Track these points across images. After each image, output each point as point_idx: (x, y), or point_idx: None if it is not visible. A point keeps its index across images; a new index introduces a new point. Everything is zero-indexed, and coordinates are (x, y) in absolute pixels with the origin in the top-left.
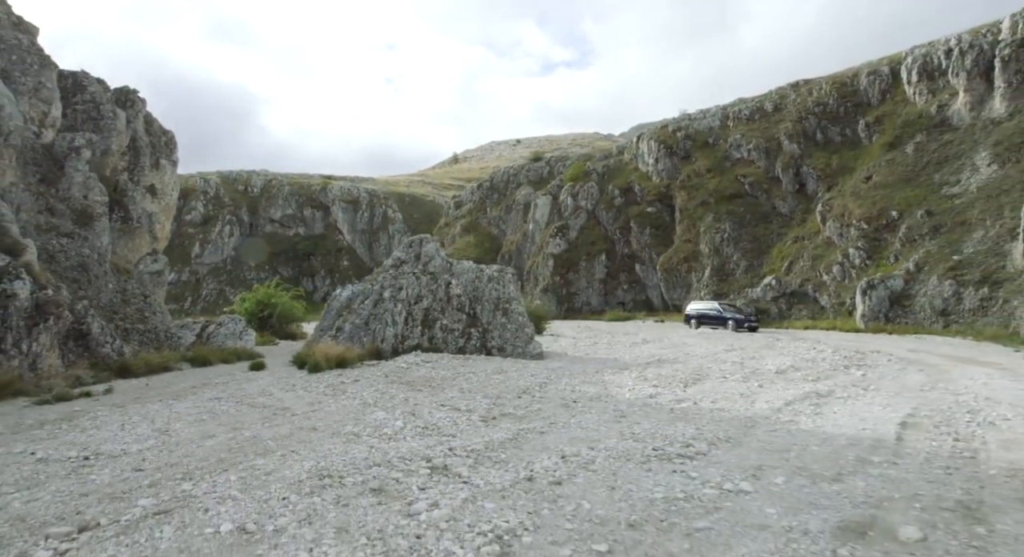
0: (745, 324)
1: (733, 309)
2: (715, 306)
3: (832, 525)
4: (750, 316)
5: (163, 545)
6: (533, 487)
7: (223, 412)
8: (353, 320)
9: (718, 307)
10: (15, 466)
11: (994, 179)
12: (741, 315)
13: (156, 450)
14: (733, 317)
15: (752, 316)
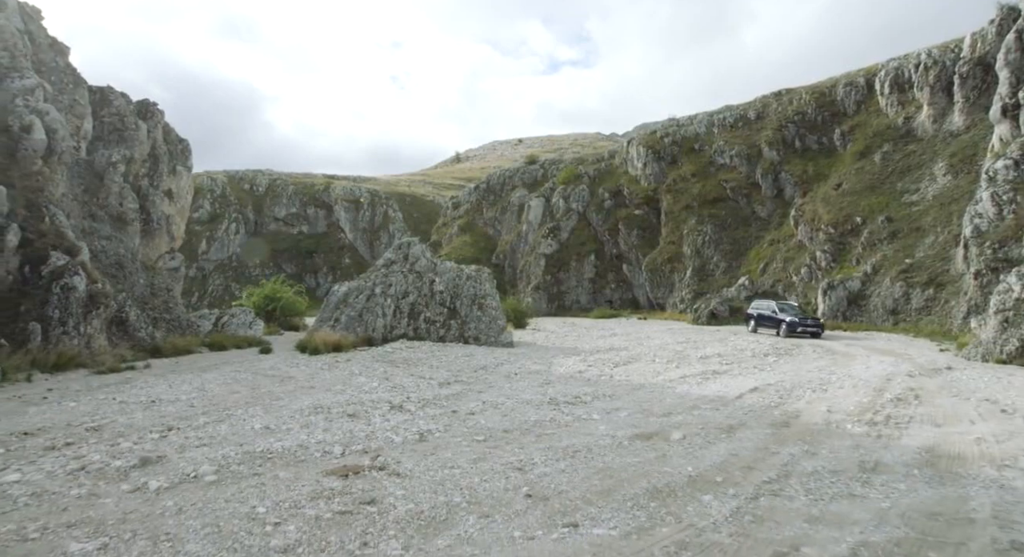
0: (799, 328)
1: (791, 309)
2: (771, 306)
3: (633, 434)
4: (807, 319)
5: (221, 433)
6: (455, 417)
7: (243, 379)
8: (348, 312)
9: (774, 307)
10: (106, 405)
11: (947, 188)
12: (797, 317)
13: (199, 398)
14: (788, 319)
15: (811, 319)
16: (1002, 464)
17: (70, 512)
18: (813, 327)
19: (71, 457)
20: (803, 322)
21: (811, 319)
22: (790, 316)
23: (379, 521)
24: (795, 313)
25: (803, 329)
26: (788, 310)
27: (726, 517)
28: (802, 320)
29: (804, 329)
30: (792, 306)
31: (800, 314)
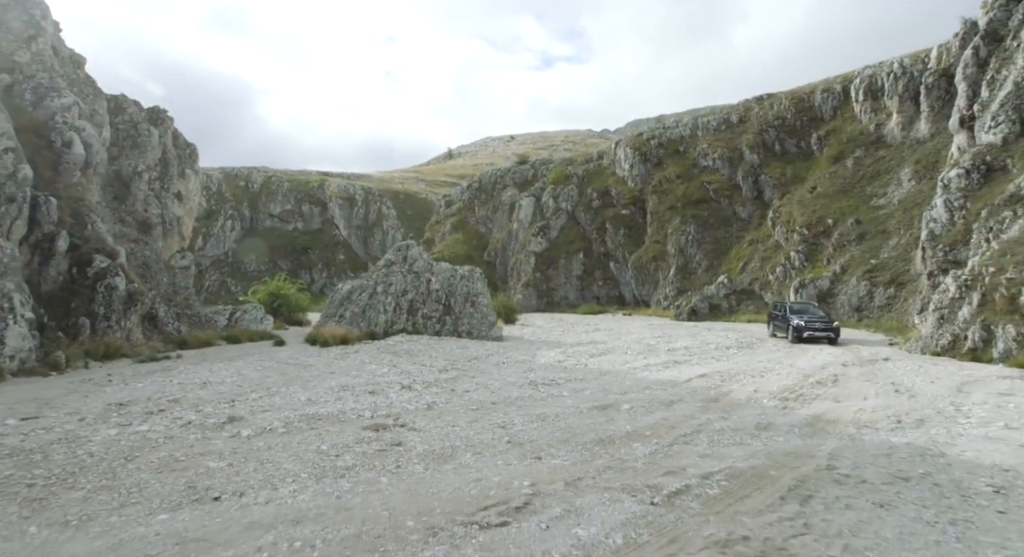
0: (806, 333)
1: (808, 312)
2: (786, 306)
3: (592, 406)
4: (815, 322)
5: (275, 403)
6: (453, 393)
7: (270, 367)
8: (352, 309)
9: (788, 305)
10: (168, 385)
11: (911, 193)
12: (804, 320)
13: (242, 380)
14: (795, 322)
15: (820, 322)
16: (863, 426)
17: (196, 448)
18: (823, 331)
19: (174, 417)
20: (810, 325)
21: (821, 322)
22: (799, 319)
23: (406, 455)
24: (800, 316)
25: (810, 334)
26: (804, 312)
27: (645, 455)
28: (809, 323)
29: (812, 334)
30: (809, 307)
31: (816, 316)
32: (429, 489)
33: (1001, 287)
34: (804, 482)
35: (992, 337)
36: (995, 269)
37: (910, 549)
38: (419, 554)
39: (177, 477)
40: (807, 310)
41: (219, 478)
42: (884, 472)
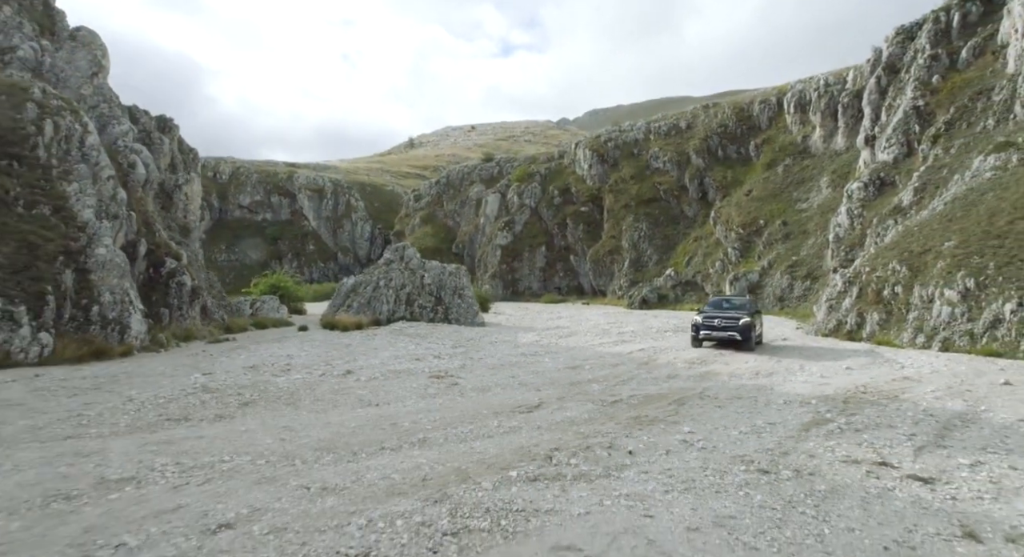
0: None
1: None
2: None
3: (565, 366)
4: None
5: (361, 364)
6: (471, 360)
7: (319, 345)
8: (359, 300)
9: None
10: (265, 357)
11: (828, 199)
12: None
13: (313, 354)
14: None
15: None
16: (733, 377)
17: (341, 385)
18: (724, 330)
19: (303, 374)
20: (708, 324)
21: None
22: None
23: (462, 389)
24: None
25: (707, 335)
26: (719, 306)
27: (599, 389)
28: (707, 321)
29: (710, 334)
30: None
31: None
32: (483, 402)
33: (872, 283)
34: (684, 399)
35: (864, 322)
36: (870, 269)
37: (725, 421)
38: (492, 420)
39: (347, 396)
40: (723, 305)
41: (370, 397)
42: (730, 396)
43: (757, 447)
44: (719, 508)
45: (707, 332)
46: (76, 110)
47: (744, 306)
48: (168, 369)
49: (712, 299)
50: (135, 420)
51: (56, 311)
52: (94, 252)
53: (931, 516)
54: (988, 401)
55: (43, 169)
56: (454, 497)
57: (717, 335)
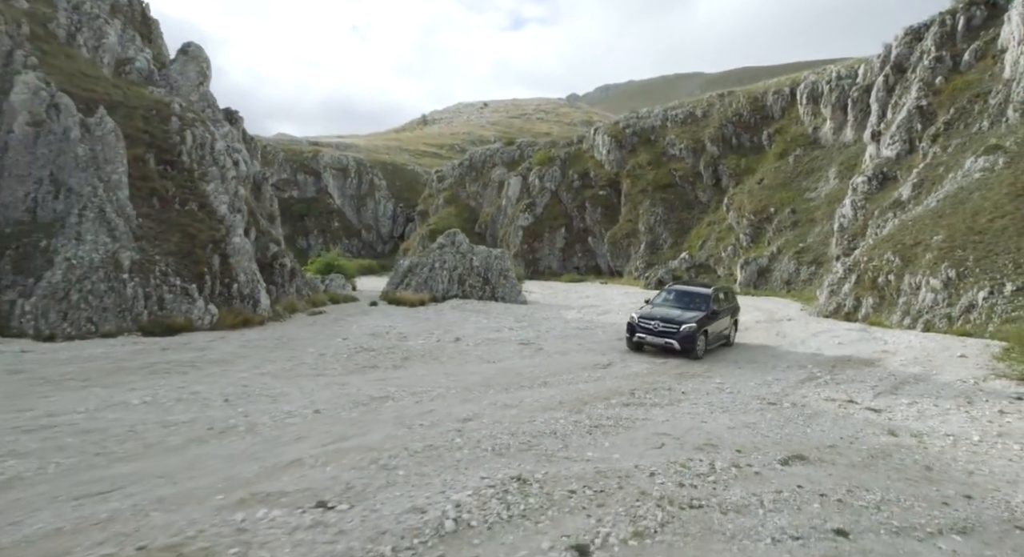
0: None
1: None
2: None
3: (616, 337)
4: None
5: (458, 332)
6: (540, 332)
7: (404, 318)
8: (416, 279)
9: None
10: (372, 328)
11: (835, 189)
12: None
13: (407, 325)
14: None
15: (670, 322)
16: (747, 345)
17: (457, 348)
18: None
19: (421, 340)
20: (644, 325)
21: (665, 323)
22: (643, 314)
23: (546, 353)
24: (679, 308)
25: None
26: (674, 301)
27: (648, 354)
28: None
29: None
30: (695, 294)
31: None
32: (568, 361)
33: (869, 271)
34: (710, 363)
35: (860, 305)
36: (867, 258)
37: (744, 376)
38: (582, 372)
39: (469, 356)
40: (678, 298)
41: (486, 356)
42: (747, 360)
43: (767, 392)
44: (745, 419)
45: (642, 335)
46: (204, 120)
47: (704, 301)
48: (308, 335)
49: (671, 286)
50: (344, 367)
51: (210, 288)
52: (231, 240)
53: (872, 426)
54: (941, 368)
55: (188, 172)
56: (584, 411)
57: (652, 340)
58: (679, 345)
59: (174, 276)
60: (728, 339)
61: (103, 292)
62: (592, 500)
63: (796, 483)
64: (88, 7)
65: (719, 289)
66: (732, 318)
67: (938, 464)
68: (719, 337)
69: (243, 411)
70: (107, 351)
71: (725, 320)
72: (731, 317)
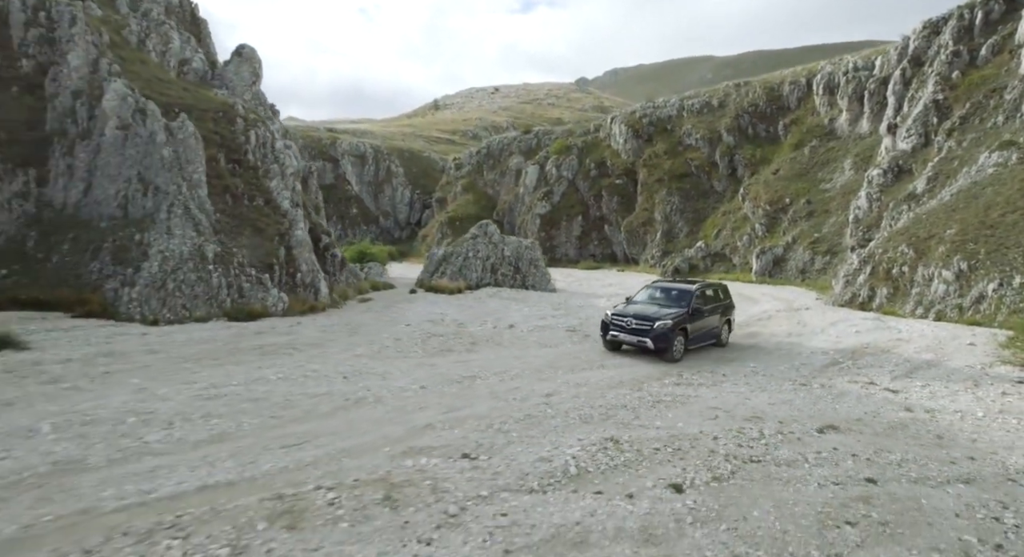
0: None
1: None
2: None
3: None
4: (625, 318)
5: (507, 321)
6: (578, 321)
7: (449, 305)
8: (451, 268)
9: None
10: (425, 314)
11: (850, 181)
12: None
13: (457, 312)
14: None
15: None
16: (772, 336)
17: (513, 335)
18: (636, 334)
19: (476, 326)
20: (618, 324)
21: (640, 321)
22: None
23: (593, 339)
24: (656, 306)
25: (613, 336)
26: (654, 298)
27: None
28: (618, 318)
29: (616, 336)
30: (677, 291)
31: (667, 308)
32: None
33: (884, 263)
34: (745, 349)
35: (874, 295)
36: (882, 250)
37: (774, 361)
38: (631, 357)
39: (527, 341)
40: (659, 294)
41: (542, 342)
42: (774, 347)
43: (797, 375)
44: (781, 397)
45: (615, 333)
46: (263, 120)
47: (686, 299)
48: (371, 321)
49: (656, 282)
50: (424, 350)
51: (278, 278)
52: (293, 233)
53: (891, 404)
54: (951, 355)
55: (253, 170)
56: (644, 389)
57: (626, 339)
58: (652, 344)
59: (249, 267)
60: (718, 339)
61: (193, 281)
62: (674, 455)
63: (832, 446)
64: (155, 14)
65: (706, 286)
66: (724, 317)
67: (948, 434)
68: (704, 336)
69: (364, 386)
70: (211, 334)
71: (712, 319)
72: (721, 316)
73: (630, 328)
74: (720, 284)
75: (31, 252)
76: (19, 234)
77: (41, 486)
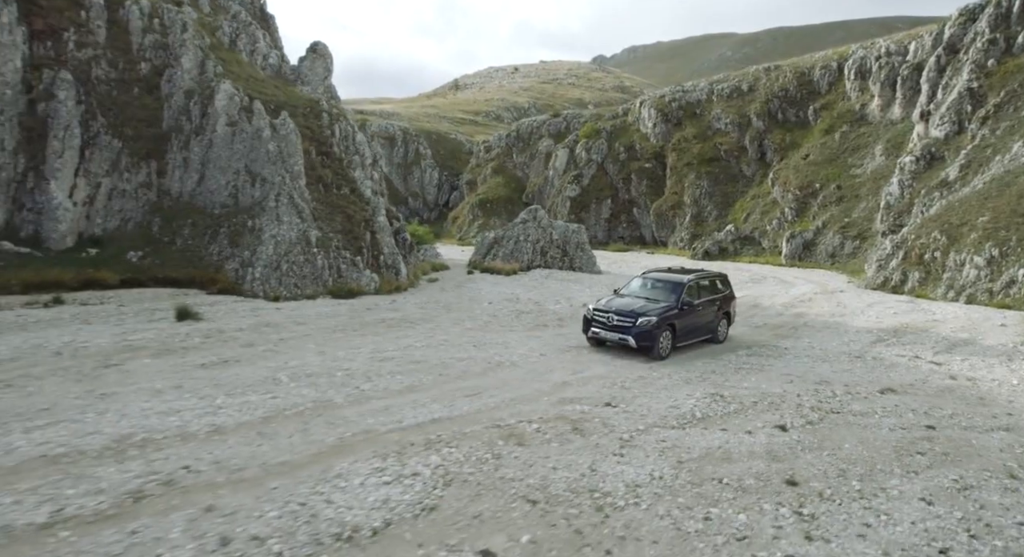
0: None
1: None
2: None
3: None
4: (607, 314)
5: (577, 298)
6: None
7: (511, 285)
8: (503, 250)
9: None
10: (492, 294)
11: (881, 166)
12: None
13: (529, 294)
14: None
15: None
16: (817, 317)
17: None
18: (617, 331)
19: (555, 306)
20: (599, 320)
21: (621, 317)
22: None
23: None
24: (643, 300)
25: (595, 333)
26: (643, 290)
27: (742, 320)
28: (599, 313)
29: (597, 333)
30: (667, 282)
31: (655, 302)
32: None
33: (916, 248)
34: (796, 327)
35: (906, 279)
36: (915, 236)
37: (825, 338)
38: None
39: None
40: (648, 286)
41: None
42: (821, 326)
43: (849, 349)
44: (841, 367)
45: (596, 330)
46: (344, 114)
47: (676, 292)
48: (454, 299)
49: (647, 272)
50: (523, 325)
51: (366, 260)
52: (376, 219)
53: (936, 373)
54: (985, 334)
55: (339, 161)
56: (723, 359)
57: (607, 336)
58: (634, 342)
59: (344, 250)
60: (714, 334)
61: (302, 263)
62: (769, 407)
63: (893, 403)
64: (243, 15)
65: (702, 276)
66: (721, 310)
67: (988, 396)
68: (695, 332)
69: (494, 353)
70: (332, 310)
71: (706, 313)
72: (718, 309)
73: (611, 324)
74: (719, 273)
75: (157, 236)
76: (145, 220)
77: (320, 416)
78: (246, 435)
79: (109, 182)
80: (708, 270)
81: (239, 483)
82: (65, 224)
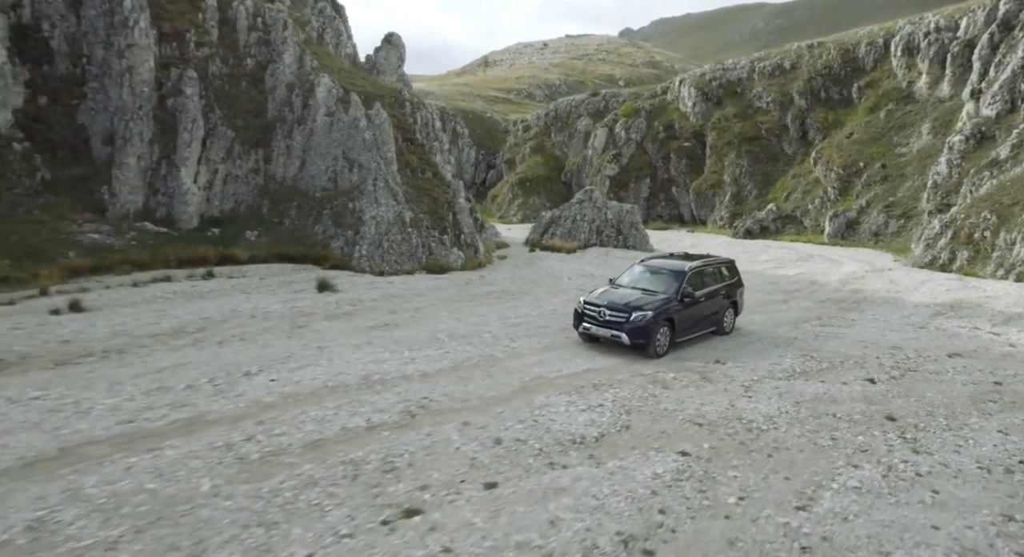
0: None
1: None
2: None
3: (766, 282)
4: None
5: None
6: None
7: (582, 263)
8: (561, 229)
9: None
10: (565, 269)
11: (927, 146)
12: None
13: (597, 271)
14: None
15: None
16: (874, 292)
17: None
18: (608, 326)
19: None
20: (591, 314)
21: (614, 312)
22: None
23: None
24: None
25: (585, 329)
26: (643, 278)
27: (805, 295)
28: (591, 307)
29: (588, 329)
30: (670, 270)
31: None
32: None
33: (965, 228)
34: (856, 301)
35: (955, 258)
36: (964, 216)
37: (886, 312)
38: (770, 306)
39: None
40: (648, 274)
41: None
42: (880, 301)
43: (911, 321)
44: (908, 336)
45: (587, 326)
46: (423, 103)
47: (675, 282)
48: (532, 274)
49: (646, 259)
50: None
51: (450, 239)
52: (457, 201)
53: (996, 342)
54: None
55: (421, 147)
56: (801, 328)
57: (598, 332)
58: (628, 339)
59: (432, 229)
60: (719, 326)
61: (399, 241)
62: (855, 366)
63: (962, 365)
64: (328, 10)
65: (707, 263)
66: (728, 300)
67: None
68: (698, 325)
69: None
70: (436, 284)
71: (710, 304)
72: (725, 299)
73: (602, 319)
74: (727, 260)
75: (267, 217)
76: (255, 202)
77: (494, 366)
78: (449, 378)
79: (224, 168)
80: (715, 256)
81: (473, 409)
82: (192, 206)
